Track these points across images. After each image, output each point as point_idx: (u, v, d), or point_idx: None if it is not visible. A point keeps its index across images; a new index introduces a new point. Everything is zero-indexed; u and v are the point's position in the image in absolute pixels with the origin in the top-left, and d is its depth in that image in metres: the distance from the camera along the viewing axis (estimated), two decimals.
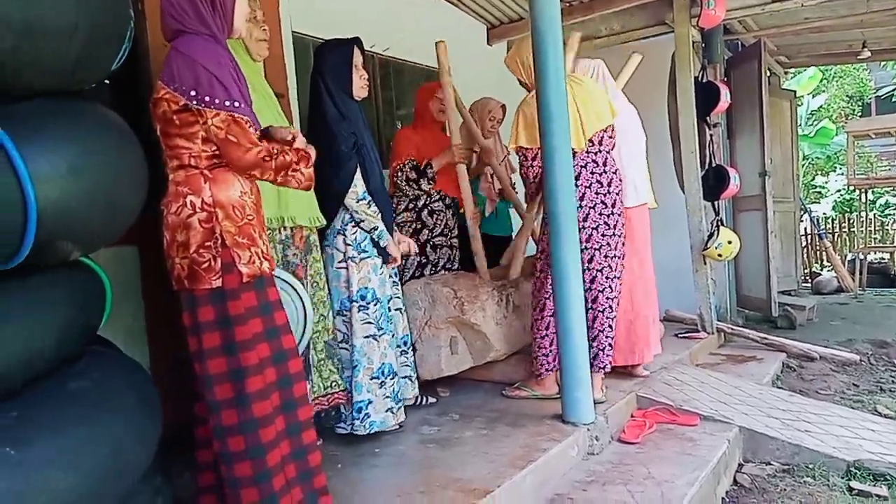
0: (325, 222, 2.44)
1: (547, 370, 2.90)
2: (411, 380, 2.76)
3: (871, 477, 2.50)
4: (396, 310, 2.69)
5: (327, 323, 2.45)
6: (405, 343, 2.74)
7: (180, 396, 1.97)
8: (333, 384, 2.44)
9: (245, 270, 1.68)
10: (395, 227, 2.82)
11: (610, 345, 2.90)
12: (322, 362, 2.42)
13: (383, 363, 2.53)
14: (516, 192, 3.98)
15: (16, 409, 1.33)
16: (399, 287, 2.76)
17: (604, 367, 2.88)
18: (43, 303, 1.43)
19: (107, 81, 1.80)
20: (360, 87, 2.56)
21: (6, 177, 1.24)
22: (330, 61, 2.55)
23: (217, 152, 1.69)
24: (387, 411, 2.52)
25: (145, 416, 1.61)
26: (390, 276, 2.66)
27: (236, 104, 1.66)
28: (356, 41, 2.59)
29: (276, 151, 1.73)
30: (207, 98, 1.63)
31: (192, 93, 1.63)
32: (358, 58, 2.56)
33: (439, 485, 2.10)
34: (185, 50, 1.66)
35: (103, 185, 1.44)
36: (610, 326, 2.90)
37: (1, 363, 1.30)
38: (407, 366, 2.74)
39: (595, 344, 2.84)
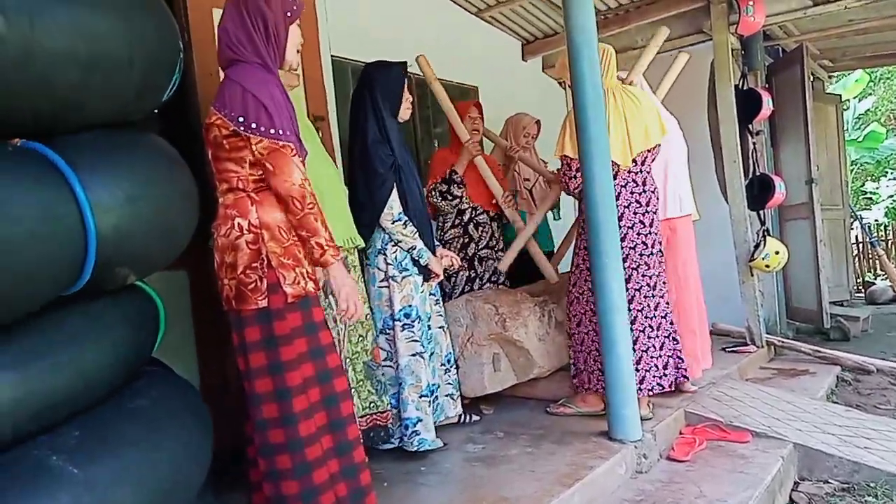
0: (362, 243, 2.46)
1: (587, 387, 2.87)
2: (453, 398, 2.76)
3: None
4: (439, 328, 2.70)
5: (366, 344, 2.47)
6: (448, 361, 2.74)
7: (229, 416, 2.02)
8: (372, 405, 2.46)
9: (290, 291, 1.72)
10: (439, 243, 2.84)
11: (656, 365, 2.85)
12: (361, 383, 2.44)
13: (431, 382, 2.55)
14: (557, 208, 3.99)
15: (78, 429, 1.39)
16: (441, 305, 2.77)
17: (652, 390, 2.83)
18: (102, 326, 1.48)
19: (156, 111, 1.88)
20: (405, 109, 2.64)
21: (68, 206, 1.30)
22: (382, 82, 2.61)
23: (262, 176, 1.74)
24: (434, 430, 2.53)
25: (199, 435, 1.65)
26: (431, 294, 2.67)
27: (280, 132, 1.70)
28: (404, 65, 2.64)
29: (312, 203, 1.74)
30: (254, 125, 1.69)
31: (241, 119, 1.69)
32: (407, 83, 2.64)
33: (487, 503, 2.09)
34: (237, 78, 1.73)
35: (158, 213, 1.50)
36: (654, 347, 2.85)
37: (65, 385, 1.35)
38: (450, 384, 2.74)
39: (640, 366, 2.79)
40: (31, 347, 1.31)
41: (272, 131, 1.70)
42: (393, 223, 2.52)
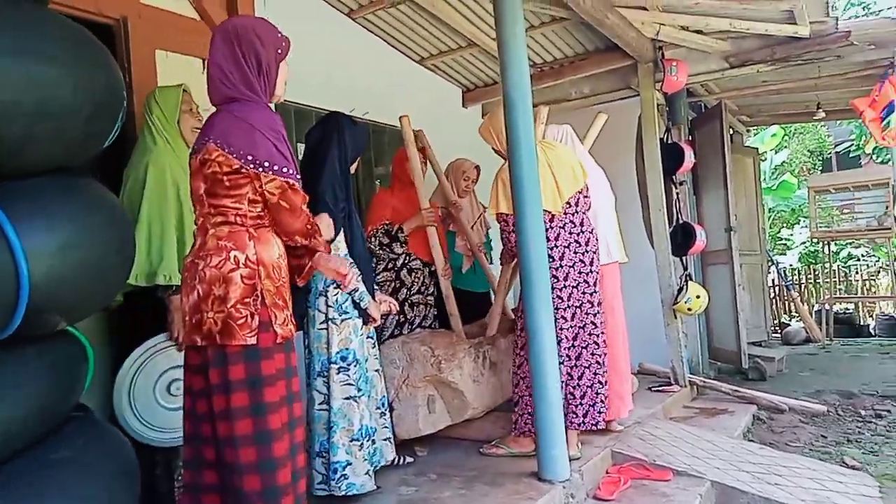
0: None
1: (523, 430, 2.94)
2: (390, 441, 2.77)
3: None
4: (375, 371, 2.73)
5: None
6: (383, 404, 2.77)
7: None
8: None
9: (280, 332, 1.71)
10: (376, 287, 2.89)
11: (602, 401, 2.96)
12: None
13: (363, 425, 2.56)
14: (490, 251, 4.11)
15: None
16: (377, 348, 2.81)
17: (596, 425, 2.93)
18: (30, 373, 1.47)
19: None
20: (356, 164, 2.76)
21: (1, 253, 1.30)
22: (356, 137, 2.73)
23: (262, 213, 1.75)
24: (365, 474, 2.53)
25: (123, 484, 1.63)
26: (369, 338, 2.71)
27: (289, 170, 1.72)
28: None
29: (316, 229, 1.84)
30: (267, 163, 1.69)
31: (249, 157, 1.68)
32: None
33: None
34: (243, 115, 1.72)
35: (93, 260, 1.51)
36: (599, 383, 2.96)
37: None
38: (386, 427, 2.76)
39: (585, 401, 2.90)
40: None
41: (285, 170, 1.71)
42: None
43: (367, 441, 2.55)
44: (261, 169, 1.69)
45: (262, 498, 1.65)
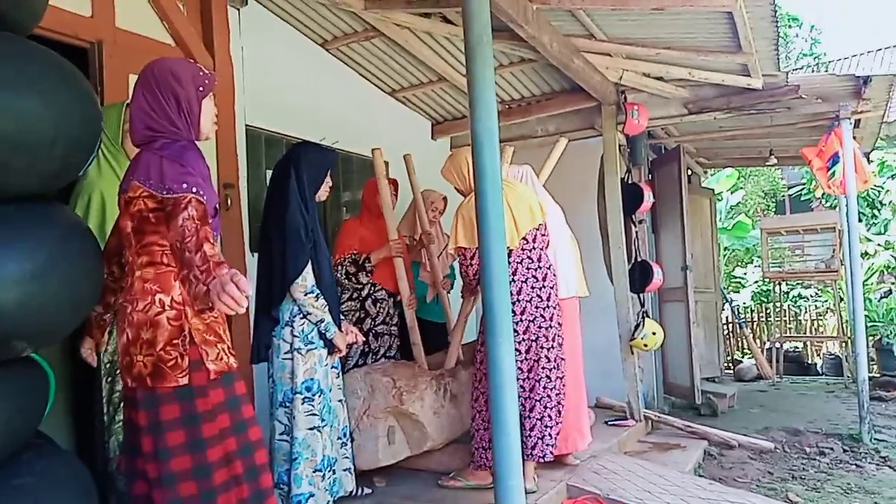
0: None
1: (480, 464, 2.98)
2: (351, 472, 2.78)
3: None
4: (339, 401, 2.75)
5: None
6: (345, 434, 2.78)
7: None
8: None
9: (213, 367, 1.73)
10: (343, 317, 2.91)
11: (550, 434, 3.02)
12: None
13: (325, 455, 2.57)
14: (454, 280, 4.18)
15: None
16: (341, 378, 2.83)
17: (544, 457, 2.99)
18: None
19: None
20: (325, 191, 2.78)
21: None
22: (312, 163, 2.73)
23: None
24: None
25: None
26: (333, 367, 2.73)
27: (199, 191, 1.70)
28: (335, 155, 2.84)
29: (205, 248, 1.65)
30: (186, 185, 1.67)
31: (174, 185, 1.68)
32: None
33: None
34: (164, 152, 1.74)
35: (63, 288, 1.52)
36: (549, 416, 3.03)
37: None
38: (347, 457, 2.76)
39: (534, 433, 2.96)
40: None
41: (194, 189, 1.68)
42: (305, 295, 2.56)
43: (329, 472, 2.56)
44: (179, 193, 1.67)
45: None
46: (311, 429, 2.53)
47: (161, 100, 1.80)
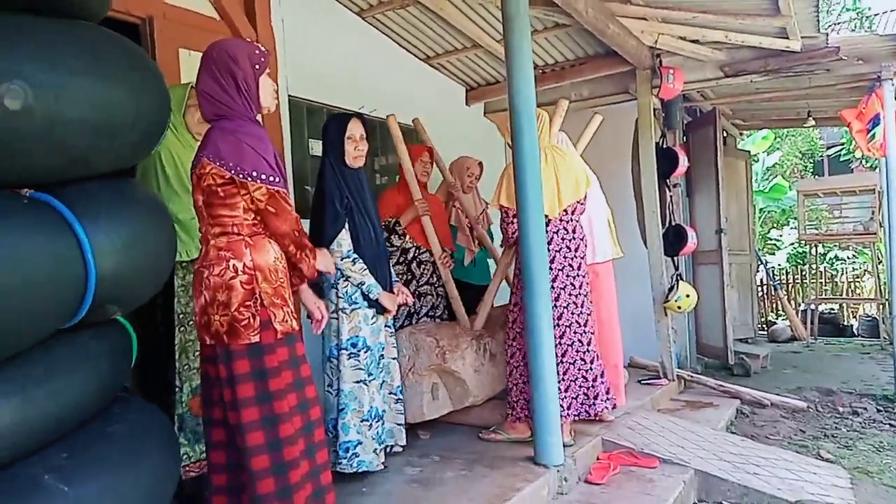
0: None
1: (519, 416, 3.14)
2: (402, 427, 2.96)
3: None
4: (393, 358, 2.93)
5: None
6: (399, 391, 2.96)
7: None
8: (185, 456, 2.46)
9: (279, 328, 1.90)
10: (397, 279, 3.06)
11: (585, 394, 3.15)
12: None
13: (373, 406, 2.75)
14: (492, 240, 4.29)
15: (65, 451, 1.53)
16: (395, 337, 2.99)
17: (578, 416, 3.13)
18: (89, 356, 1.64)
19: None
20: (353, 156, 2.79)
21: (73, 251, 1.47)
22: (329, 131, 2.84)
23: (256, 220, 1.93)
24: (374, 452, 2.73)
25: (169, 455, 1.81)
26: (386, 327, 2.90)
27: (274, 179, 1.90)
28: (355, 115, 2.86)
29: (301, 231, 1.99)
30: (255, 173, 1.87)
31: (238, 168, 1.86)
32: (353, 130, 2.79)
33: None
34: (231, 130, 1.90)
35: (147, 256, 1.68)
36: (583, 377, 3.16)
37: (57, 410, 1.50)
38: (400, 413, 2.95)
39: (568, 394, 3.10)
40: (31, 375, 1.46)
41: (270, 178, 1.89)
42: (342, 259, 2.72)
43: (376, 422, 2.74)
44: (249, 178, 1.87)
45: (272, 473, 1.86)
46: (357, 382, 2.72)
47: (221, 80, 1.94)
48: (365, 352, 2.76)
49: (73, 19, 1.53)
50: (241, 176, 1.86)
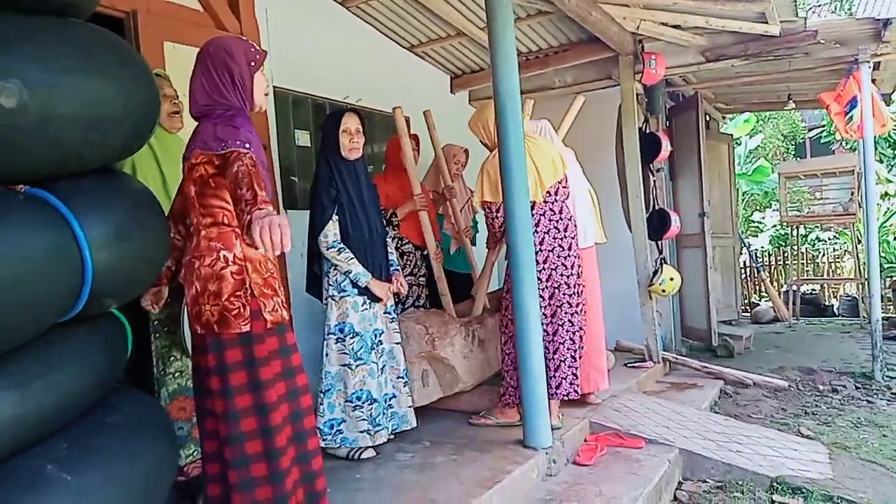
0: None
1: (509, 402, 3.20)
2: (411, 408, 3.05)
3: (790, 490, 2.87)
4: (396, 343, 3.01)
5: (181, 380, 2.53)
6: (406, 374, 3.04)
7: None
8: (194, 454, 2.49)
9: (269, 318, 1.93)
10: (397, 269, 3.11)
11: (574, 374, 3.22)
12: None
13: (360, 389, 2.83)
14: (478, 233, 4.33)
15: (65, 441, 1.56)
16: (396, 322, 3.05)
17: (568, 395, 3.19)
18: (86, 348, 1.67)
19: None
20: (348, 148, 2.88)
21: (69, 245, 1.49)
22: (325, 126, 2.94)
23: None
24: (361, 432, 2.82)
25: (167, 445, 1.85)
26: (386, 313, 2.97)
27: (246, 145, 1.83)
28: (350, 110, 2.95)
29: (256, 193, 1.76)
30: (239, 142, 1.82)
31: (224, 144, 1.83)
32: (348, 123, 2.88)
33: None
34: (221, 120, 1.91)
35: (141, 248, 1.70)
36: (572, 357, 3.22)
37: (56, 402, 1.53)
38: (409, 395, 3.04)
39: (558, 374, 3.16)
40: (30, 368, 1.48)
41: (239, 143, 1.82)
42: (328, 249, 2.83)
43: (367, 404, 2.83)
44: (236, 146, 1.81)
45: (265, 458, 1.90)
46: (342, 365, 2.83)
47: (216, 76, 1.96)
48: (352, 337, 2.83)
49: (63, 17, 1.55)
50: (222, 149, 1.83)
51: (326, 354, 2.85)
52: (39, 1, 1.46)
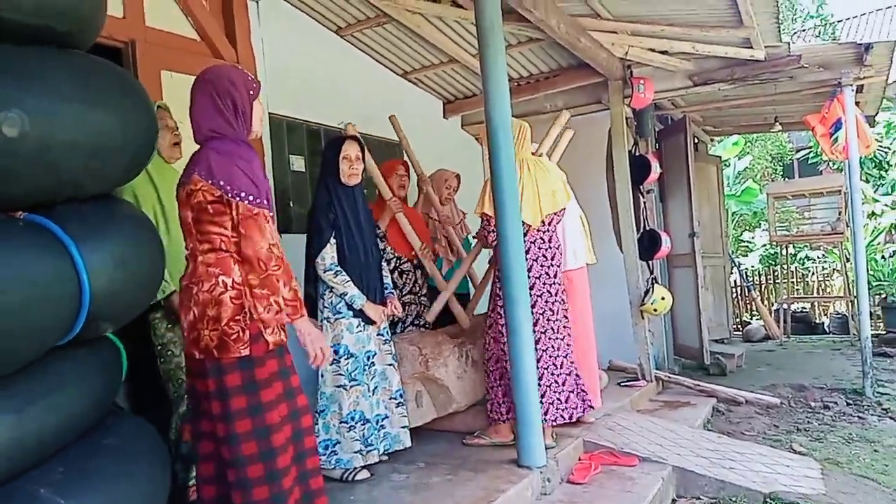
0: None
1: (501, 419, 3.22)
2: (407, 429, 3.07)
3: None
4: (389, 365, 3.03)
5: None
6: (399, 395, 3.05)
7: None
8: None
9: (271, 339, 1.95)
10: (393, 292, 3.14)
11: (559, 399, 3.24)
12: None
13: (354, 410, 2.86)
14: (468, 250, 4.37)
15: (62, 465, 1.58)
16: (389, 343, 3.07)
17: (555, 420, 3.22)
18: (83, 371, 1.69)
19: None
20: (347, 174, 2.96)
21: (67, 270, 1.53)
22: (326, 152, 3.03)
23: None
24: (355, 452, 2.83)
25: (160, 468, 1.85)
26: (379, 335, 3.00)
27: (256, 199, 1.93)
28: (350, 138, 3.04)
29: (277, 266, 1.93)
30: (242, 193, 1.91)
31: (228, 186, 1.91)
32: (348, 151, 2.97)
33: None
34: (224, 150, 1.96)
35: (138, 274, 1.73)
36: (556, 383, 3.25)
37: (54, 425, 1.55)
38: (404, 416, 3.06)
39: (545, 399, 3.18)
40: (28, 392, 1.50)
41: (251, 198, 1.92)
42: (325, 272, 2.88)
43: (360, 424, 2.85)
44: (237, 198, 1.91)
45: (266, 481, 1.91)
46: (337, 386, 2.86)
47: (219, 103, 2.01)
48: (346, 358, 2.87)
49: (64, 48, 1.59)
50: (229, 195, 1.91)
51: (321, 375, 2.88)
52: (41, 32, 1.51)
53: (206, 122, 2.02)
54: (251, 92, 2.09)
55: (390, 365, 3.04)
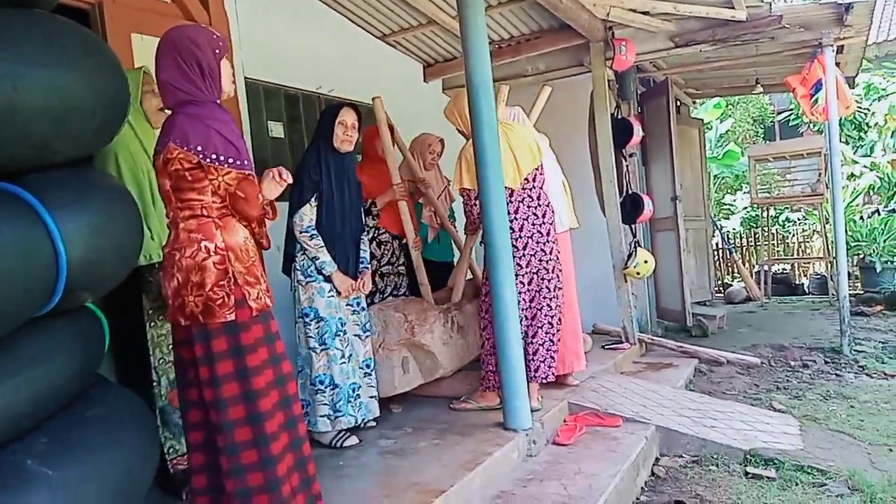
0: None
1: (489, 386, 3.24)
2: (375, 399, 3.06)
3: (763, 462, 2.96)
4: (355, 335, 3.00)
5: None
6: (368, 366, 3.04)
7: None
8: (171, 450, 2.47)
9: (254, 305, 1.93)
10: (367, 268, 3.10)
11: (552, 357, 3.27)
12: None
13: (323, 374, 2.88)
14: (455, 222, 4.35)
15: (46, 436, 1.56)
16: (360, 314, 3.05)
17: (546, 378, 3.25)
18: (64, 342, 1.66)
19: None
20: (340, 139, 2.93)
21: (43, 240, 1.49)
22: (323, 116, 3.01)
23: (224, 203, 1.94)
24: (321, 416, 2.85)
25: (148, 438, 1.85)
26: (348, 305, 2.98)
27: (243, 162, 1.91)
28: (349, 105, 3.01)
29: (269, 210, 2.03)
30: (222, 157, 1.87)
31: (206, 152, 1.86)
32: (345, 116, 2.94)
33: (400, 489, 2.40)
34: (196, 114, 1.90)
35: (115, 242, 1.70)
36: (550, 341, 3.27)
37: (36, 396, 1.53)
38: (372, 386, 3.04)
39: (536, 357, 3.21)
40: (8, 363, 1.48)
41: (238, 162, 1.90)
42: (300, 233, 2.88)
43: (329, 389, 2.87)
44: (217, 163, 1.88)
45: (254, 444, 1.91)
46: (309, 349, 2.89)
47: (184, 66, 1.94)
48: (317, 322, 2.88)
49: (27, 8, 1.53)
50: (208, 160, 1.87)
51: (298, 337, 2.91)
52: None
53: (173, 86, 1.95)
54: (217, 51, 2.01)
55: (356, 335, 3.01)
